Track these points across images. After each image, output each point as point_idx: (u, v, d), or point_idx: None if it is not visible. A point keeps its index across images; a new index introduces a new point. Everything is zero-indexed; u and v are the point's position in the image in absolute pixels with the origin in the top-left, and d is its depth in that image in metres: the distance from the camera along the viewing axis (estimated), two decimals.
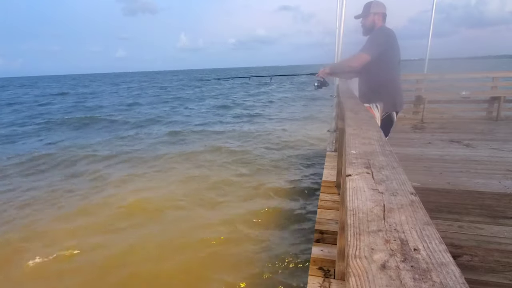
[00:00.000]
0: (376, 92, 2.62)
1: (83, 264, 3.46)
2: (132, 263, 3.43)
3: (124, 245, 3.77)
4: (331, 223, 2.39)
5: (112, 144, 9.16)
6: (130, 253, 3.61)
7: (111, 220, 4.38)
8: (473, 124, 5.57)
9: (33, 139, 10.36)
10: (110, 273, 3.29)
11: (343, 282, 1.70)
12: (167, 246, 3.72)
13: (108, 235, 4.02)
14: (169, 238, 3.89)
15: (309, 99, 18.85)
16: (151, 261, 3.44)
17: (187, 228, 4.10)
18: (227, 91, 27.53)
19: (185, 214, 4.51)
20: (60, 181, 6.12)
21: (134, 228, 4.17)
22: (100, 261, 3.49)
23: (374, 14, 2.50)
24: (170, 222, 4.32)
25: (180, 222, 4.30)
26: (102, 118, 13.92)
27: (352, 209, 0.65)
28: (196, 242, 3.77)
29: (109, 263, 3.45)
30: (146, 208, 4.71)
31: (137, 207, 4.74)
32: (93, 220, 4.43)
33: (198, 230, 4.02)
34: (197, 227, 4.10)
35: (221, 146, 8.22)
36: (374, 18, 2.51)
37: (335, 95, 4.18)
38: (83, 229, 4.18)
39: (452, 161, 3.58)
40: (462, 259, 1.85)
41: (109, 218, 4.44)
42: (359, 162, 0.94)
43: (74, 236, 4.00)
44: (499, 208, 2.42)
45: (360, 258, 0.49)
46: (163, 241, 3.83)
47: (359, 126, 1.47)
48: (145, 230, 4.10)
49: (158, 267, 3.34)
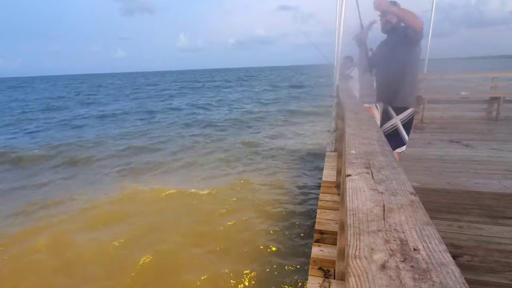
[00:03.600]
0: (414, 88, 2.59)
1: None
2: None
3: None
4: (331, 223, 2.39)
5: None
6: None
7: None
8: (472, 124, 5.57)
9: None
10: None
11: (343, 282, 1.70)
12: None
13: None
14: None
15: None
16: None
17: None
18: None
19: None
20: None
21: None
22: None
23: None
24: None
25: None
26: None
27: (352, 209, 0.65)
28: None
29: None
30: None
31: None
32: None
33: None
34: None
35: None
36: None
37: (334, 95, 4.17)
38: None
39: (451, 161, 3.58)
40: (462, 259, 1.85)
41: None
42: (359, 162, 0.94)
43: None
44: (499, 208, 2.42)
45: (360, 258, 0.49)
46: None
47: (359, 126, 1.47)
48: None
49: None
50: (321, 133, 8.55)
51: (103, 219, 4.41)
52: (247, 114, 14.15)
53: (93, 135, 10.52)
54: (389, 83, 2.61)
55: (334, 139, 4.26)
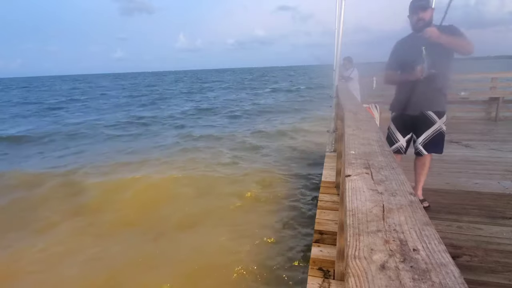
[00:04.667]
0: (445, 93, 2.38)
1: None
2: None
3: None
4: (330, 223, 2.39)
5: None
6: None
7: None
8: (472, 125, 5.58)
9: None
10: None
11: (343, 283, 1.70)
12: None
13: None
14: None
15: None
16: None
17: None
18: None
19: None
20: None
21: None
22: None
23: (432, 9, 2.29)
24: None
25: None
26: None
27: (351, 209, 0.65)
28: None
29: None
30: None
31: None
32: None
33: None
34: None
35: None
36: (432, 13, 2.30)
37: (334, 95, 4.18)
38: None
39: (451, 162, 3.59)
40: (462, 260, 1.85)
41: None
42: (359, 163, 0.94)
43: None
44: (498, 209, 2.43)
45: (360, 259, 0.49)
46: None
47: (358, 127, 1.47)
48: None
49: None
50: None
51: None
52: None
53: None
54: (430, 85, 2.34)
55: (333, 139, 4.27)
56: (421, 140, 2.46)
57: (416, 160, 2.58)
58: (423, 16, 2.24)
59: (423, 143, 2.46)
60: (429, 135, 2.44)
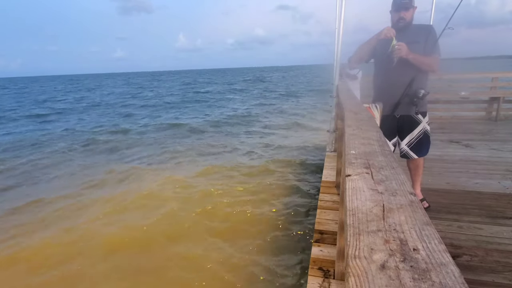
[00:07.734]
0: (425, 95, 2.34)
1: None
2: None
3: None
4: (330, 223, 2.39)
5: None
6: None
7: None
8: (472, 125, 5.58)
9: None
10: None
11: (343, 282, 1.70)
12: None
13: None
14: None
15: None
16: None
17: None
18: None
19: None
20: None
21: None
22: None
23: (414, 8, 2.28)
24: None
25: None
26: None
27: (351, 209, 0.65)
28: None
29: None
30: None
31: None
32: None
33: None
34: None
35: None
36: (414, 12, 2.29)
37: (334, 95, 4.17)
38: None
39: (451, 161, 3.58)
40: (462, 259, 1.85)
41: None
42: (359, 162, 0.94)
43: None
44: (499, 208, 2.43)
45: (360, 258, 0.49)
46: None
47: (359, 127, 1.47)
48: None
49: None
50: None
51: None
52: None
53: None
54: (408, 84, 2.34)
55: (333, 139, 4.27)
56: (406, 142, 2.43)
57: (409, 163, 2.56)
58: (404, 15, 2.25)
59: (409, 145, 2.43)
60: (414, 136, 2.42)
